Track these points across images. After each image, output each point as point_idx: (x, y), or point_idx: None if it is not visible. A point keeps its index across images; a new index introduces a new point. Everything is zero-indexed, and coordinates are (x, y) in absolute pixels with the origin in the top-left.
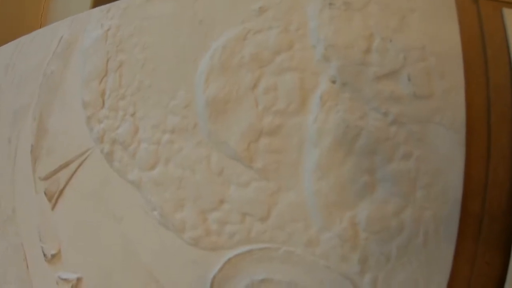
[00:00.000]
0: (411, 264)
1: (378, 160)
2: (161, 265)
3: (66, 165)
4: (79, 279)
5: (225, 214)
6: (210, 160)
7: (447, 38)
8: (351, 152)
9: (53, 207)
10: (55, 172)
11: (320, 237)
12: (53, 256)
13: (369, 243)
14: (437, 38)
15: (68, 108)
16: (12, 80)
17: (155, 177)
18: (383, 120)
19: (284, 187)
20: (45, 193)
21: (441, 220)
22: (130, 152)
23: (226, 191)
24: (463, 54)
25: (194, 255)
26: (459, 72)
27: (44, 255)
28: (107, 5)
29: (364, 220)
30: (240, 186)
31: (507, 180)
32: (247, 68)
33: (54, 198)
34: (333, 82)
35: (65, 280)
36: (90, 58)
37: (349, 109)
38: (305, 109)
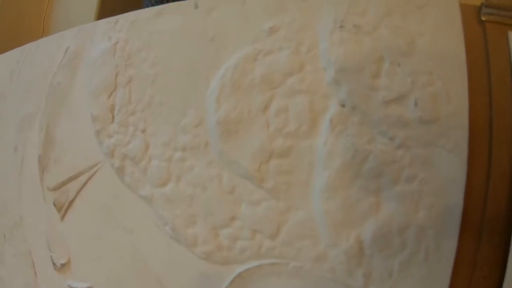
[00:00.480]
0: (413, 277)
1: (384, 182)
2: (171, 277)
3: (75, 177)
4: None
5: (236, 231)
6: (222, 179)
7: (453, 61)
8: (359, 174)
9: (62, 218)
10: (64, 183)
11: (327, 254)
12: (62, 265)
13: (373, 259)
14: (444, 61)
15: (75, 118)
16: (17, 87)
17: (167, 193)
18: (389, 145)
19: (294, 207)
20: (54, 204)
21: (442, 237)
22: (141, 168)
23: (238, 209)
24: (468, 76)
25: (205, 268)
26: (464, 95)
27: (54, 264)
28: (114, 17)
29: (369, 238)
30: (251, 204)
31: (505, 197)
32: (258, 89)
33: (63, 209)
34: (343, 105)
35: None
36: (98, 70)
37: (357, 133)
38: (315, 132)
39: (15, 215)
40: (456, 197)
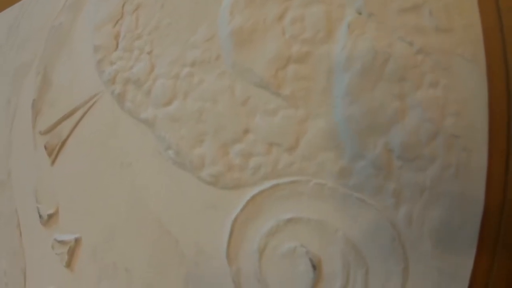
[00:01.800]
0: (445, 197)
1: (407, 86)
2: (173, 213)
3: (70, 114)
4: (77, 240)
5: (249, 146)
6: (234, 90)
7: None
8: (381, 77)
9: (53, 162)
10: (58, 123)
11: (353, 167)
12: (49, 216)
13: (404, 172)
14: None
15: (76, 57)
16: (14, 40)
17: (171, 112)
18: (409, 49)
19: (314, 114)
20: (45, 147)
21: (471, 152)
22: (145, 90)
23: (251, 121)
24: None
25: (212, 196)
26: (475, 11)
27: (40, 216)
28: None
29: (398, 146)
30: (267, 114)
31: None
32: (273, 1)
33: (55, 151)
34: (359, 13)
35: (62, 242)
36: (104, 3)
37: (376, 37)
38: (333, 38)
39: (2, 172)
40: (481, 109)
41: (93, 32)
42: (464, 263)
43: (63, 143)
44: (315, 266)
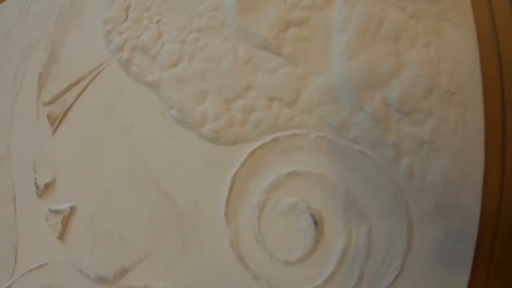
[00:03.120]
0: (446, 151)
1: (401, 46)
2: (173, 172)
3: (75, 83)
4: (72, 208)
5: (251, 101)
6: (237, 52)
7: None
8: (377, 36)
9: (54, 131)
10: (63, 93)
11: (352, 119)
12: (46, 186)
13: (402, 125)
14: None
15: (85, 32)
16: (24, 21)
17: (176, 73)
18: (402, 13)
19: (314, 71)
20: (48, 117)
21: (468, 109)
22: (152, 55)
23: (253, 78)
24: None
25: (213, 153)
26: None
27: (36, 186)
28: None
29: (395, 100)
30: (268, 72)
31: None
32: None
33: (57, 120)
34: None
35: (56, 212)
36: None
37: (370, 4)
38: (330, 5)
39: (1, 147)
40: (473, 70)
41: (103, 7)
42: (470, 220)
43: (67, 112)
44: (317, 222)
